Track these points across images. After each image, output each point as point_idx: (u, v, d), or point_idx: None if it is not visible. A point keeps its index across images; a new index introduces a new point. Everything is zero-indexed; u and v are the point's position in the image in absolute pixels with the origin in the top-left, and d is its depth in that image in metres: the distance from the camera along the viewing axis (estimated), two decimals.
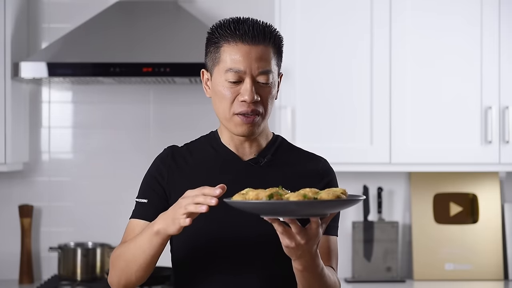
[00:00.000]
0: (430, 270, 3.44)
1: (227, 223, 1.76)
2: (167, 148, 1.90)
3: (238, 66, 1.73)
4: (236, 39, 1.74)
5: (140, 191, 1.87)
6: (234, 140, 1.84)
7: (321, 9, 3.22)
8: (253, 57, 1.74)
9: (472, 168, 3.27)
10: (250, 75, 1.74)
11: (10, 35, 3.19)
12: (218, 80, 1.77)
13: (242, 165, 1.84)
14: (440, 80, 3.23)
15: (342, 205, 1.53)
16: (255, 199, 1.50)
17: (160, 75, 3.09)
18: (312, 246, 1.57)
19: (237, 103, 1.75)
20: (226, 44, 1.76)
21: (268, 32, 1.77)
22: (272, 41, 1.77)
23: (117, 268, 1.77)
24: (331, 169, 1.90)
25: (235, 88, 1.75)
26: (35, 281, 3.43)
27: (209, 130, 1.95)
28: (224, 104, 1.77)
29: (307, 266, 1.61)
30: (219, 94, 1.77)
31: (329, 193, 1.51)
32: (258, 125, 1.78)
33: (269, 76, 1.76)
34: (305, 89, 3.22)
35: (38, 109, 3.51)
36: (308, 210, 1.51)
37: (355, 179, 3.53)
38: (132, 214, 1.85)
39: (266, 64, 1.75)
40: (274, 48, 1.78)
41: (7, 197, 3.49)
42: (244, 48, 1.74)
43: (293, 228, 1.53)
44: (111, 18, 3.30)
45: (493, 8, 3.21)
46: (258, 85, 1.75)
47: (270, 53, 1.76)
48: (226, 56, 1.75)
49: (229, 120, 1.78)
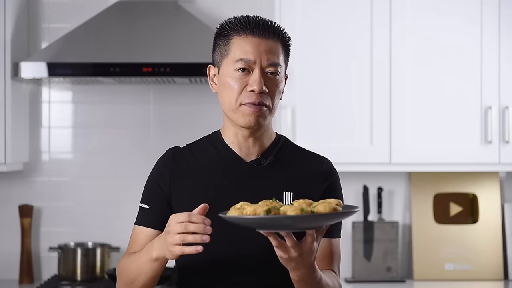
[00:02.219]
0: (430, 270, 3.44)
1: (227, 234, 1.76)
2: (168, 150, 1.90)
3: (249, 57, 1.76)
4: (247, 32, 1.77)
5: (143, 195, 1.88)
6: (238, 138, 1.83)
7: (321, 8, 3.22)
8: (263, 49, 1.76)
9: (472, 168, 3.27)
10: (260, 66, 1.76)
11: (10, 35, 3.19)
12: (227, 71, 1.79)
13: (244, 167, 1.83)
14: (440, 80, 3.23)
15: (339, 217, 1.56)
16: (252, 214, 1.51)
17: (160, 75, 3.09)
18: (307, 259, 1.58)
19: (245, 93, 1.76)
20: (237, 37, 1.78)
21: (278, 29, 1.80)
22: (281, 37, 1.80)
23: (123, 281, 1.80)
24: (335, 170, 1.90)
25: (244, 79, 1.76)
26: (35, 281, 3.43)
27: (209, 129, 1.96)
28: (231, 95, 1.77)
29: (303, 278, 1.62)
30: (227, 85, 1.78)
31: (326, 205, 1.53)
32: (264, 117, 1.78)
33: (277, 69, 1.78)
34: (305, 89, 3.22)
35: (38, 109, 3.51)
36: (305, 224, 1.53)
37: (355, 179, 3.53)
38: (136, 220, 1.86)
39: (275, 57, 1.77)
40: (283, 45, 1.81)
41: (7, 197, 3.49)
42: (254, 40, 1.77)
43: (288, 242, 1.54)
44: (111, 18, 3.30)
45: (493, 8, 3.21)
46: (266, 77, 1.77)
47: (279, 48, 1.79)
48: (236, 47, 1.77)
49: (235, 111, 1.78)
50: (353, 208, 1.58)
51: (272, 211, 1.50)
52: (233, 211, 1.56)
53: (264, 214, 1.50)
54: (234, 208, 1.57)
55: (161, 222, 1.76)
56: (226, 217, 1.55)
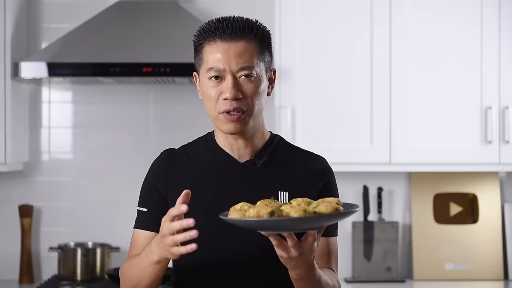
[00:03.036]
0: (430, 270, 3.44)
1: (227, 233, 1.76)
2: (163, 152, 1.90)
3: (218, 65, 1.74)
4: (216, 38, 1.75)
5: (140, 198, 1.88)
6: (228, 140, 1.84)
7: (320, 8, 3.22)
8: (232, 54, 1.74)
9: (472, 168, 3.27)
10: (231, 72, 1.74)
11: (10, 35, 3.19)
12: (203, 81, 1.79)
13: (238, 168, 1.83)
14: (440, 80, 3.23)
15: (341, 217, 1.56)
16: (256, 216, 1.50)
17: (160, 75, 3.09)
18: (307, 259, 1.58)
19: (220, 101, 1.76)
20: (207, 44, 1.77)
21: (249, 28, 1.77)
22: (253, 36, 1.77)
23: (127, 286, 1.80)
24: (330, 168, 1.90)
25: (218, 87, 1.76)
26: (35, 281, 3.43)
27: (208, 130, 1.95)
28: (210, 104, 1.77)
29: (302, 277, 1.62)
30: (205, 94, 1.78)
31: (327, 205, 1.53)
32: (245, 122, 1.77)
33: (251, 71, 1.75)
34: (305, 89, 3.22)
35: (38, 109, 3.51)
36: (309, 225, 1.53)
37: (355, 179, 3.53)
38: (135, 224, 1.87)
39: (247, 59, 1.75)
40: (257, 43, 1.78)
41: (7, 197, 3.49)
42: (223, 46, 1.74)
43: (289, 241, 1.55)
44: (111, 18, 3.30)
45: (493, 8, 3.21)
46: (240, 82, 1.75)
47: (251, 49, 1.76)
48: (207, 56, 1.76)
49: (216, 119, 1.79)
50: (354, 207, 1.58)
51: (276, 213, 1.50)
52: (234, 213, 1.55)
53: (268, 216, 1.49)
54: (234, 209, 1.56)
55: (159, 224, 1.76)
56: (228, 219, 1.54)
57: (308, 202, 1.58)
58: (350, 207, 1.60)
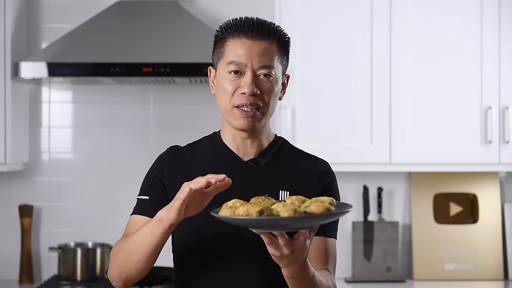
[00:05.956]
0: (430, 270, 3.44)
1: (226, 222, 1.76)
2: (169, 147, 1.93)
3: (240, 59, 1.78)
4: (241, 34, 1.80)
5: (141, 188, 1.89)
6: (236, 138, 1.86)
7: (321, 8, 3.22)
8: (255, 51, 1.78)
9: (472, 168, 3.27)
10: (251, 68, 1.78)
11: (10, 35, 3.19)
12: (221, 74, 1.82)
13: (241, 165, 1.85)
14: (440, 80, 3.23)
15: (331, 218, 1.54)
16: (245, 214, 1.50)
17: (160, 75, 3.09)
18: (299, 257, 1.58)
19: (237, 95, 1.79)
20: (231, 39, 1.81)
21: (273, 30, 1.82)
22: (276, 38, 1.81)
23: (118, 262, 1.77)
24: (332, 171, 1.91)
25: (236, 81, 1.79)
26: (35, 281, 3.43)
27: (209, 129, 1.98)
28: (225, 97, 1.80)
29: (295, 275, 1.63)
30: (221, 87, 1.81)
31: (319, 205, 1.52)
32: (258, 120, 1.80)
33: (271, 71, 1.79)
34: (305, 89, 3.22)
35: (38, 109, 3.51)
36: (298, 225, 1.53)
37: (355, 179, 3.53)
38: (133, 211, 1.87)
39: (268, 59, 1.79)
40: (279, 46, 1.82)
41: (7, 197, 3.49)
42: (247, 42, 1.79)
43: (280, 240, 1.55)
44: (111, 18, 3.30)
45: (493, 7, 3.21)
46: (259, 80, 1.79)
47: (273, 50, 1.81)
48: (229, 50, 1.80)
49: (229, 113, 1.81)
50: (346, 208, 1.57)
51: (265, 212, 1.49)
52: (225, 210, 1.55)
53: (257, 215, 1.49)
54: (226, 206, 1.57)
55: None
56: (218, 217, 1.55)
57: (302, 200, 1.58)
58: (343, 207, 1.59)
